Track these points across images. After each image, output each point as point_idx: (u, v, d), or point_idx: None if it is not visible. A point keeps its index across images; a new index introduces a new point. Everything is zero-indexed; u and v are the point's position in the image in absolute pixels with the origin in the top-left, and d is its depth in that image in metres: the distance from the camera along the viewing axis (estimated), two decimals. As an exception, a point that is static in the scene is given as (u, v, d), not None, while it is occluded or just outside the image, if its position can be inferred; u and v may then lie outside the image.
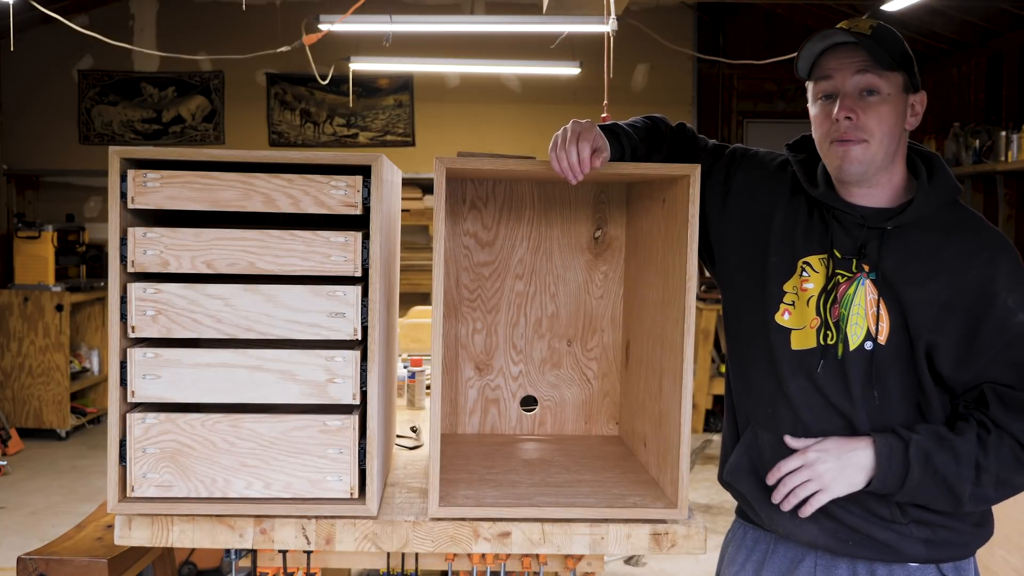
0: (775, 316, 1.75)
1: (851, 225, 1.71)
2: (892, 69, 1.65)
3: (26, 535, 4.85)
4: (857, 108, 1.65)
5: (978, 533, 1.74)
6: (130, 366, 1.82)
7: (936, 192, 1.69)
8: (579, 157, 1.73)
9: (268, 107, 7.94)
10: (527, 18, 5.93)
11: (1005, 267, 1.64)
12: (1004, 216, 6.82)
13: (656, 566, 4.53)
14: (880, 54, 1.63)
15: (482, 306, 2.42)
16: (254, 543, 1.84)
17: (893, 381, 1.68)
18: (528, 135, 7.90)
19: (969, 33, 7.00)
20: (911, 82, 1.68)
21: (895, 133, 1.67)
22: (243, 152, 1.81)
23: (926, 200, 1.68)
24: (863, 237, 1.69)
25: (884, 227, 1.68)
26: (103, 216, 7.77)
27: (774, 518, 1.79)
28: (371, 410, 1.85)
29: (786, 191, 1.80)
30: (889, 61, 1.64)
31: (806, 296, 1.72)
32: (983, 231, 1.69)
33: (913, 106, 1.70)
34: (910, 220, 1.68)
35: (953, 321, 1.64)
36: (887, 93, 1.65)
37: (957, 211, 1.71)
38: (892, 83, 1.65)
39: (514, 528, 1.85)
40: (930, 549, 1.70)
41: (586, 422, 2.45)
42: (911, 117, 1.70)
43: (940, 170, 1.72)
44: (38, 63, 7.71)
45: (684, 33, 7.98)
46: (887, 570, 1.72)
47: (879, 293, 1.68)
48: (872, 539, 1.71)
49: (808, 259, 1.73)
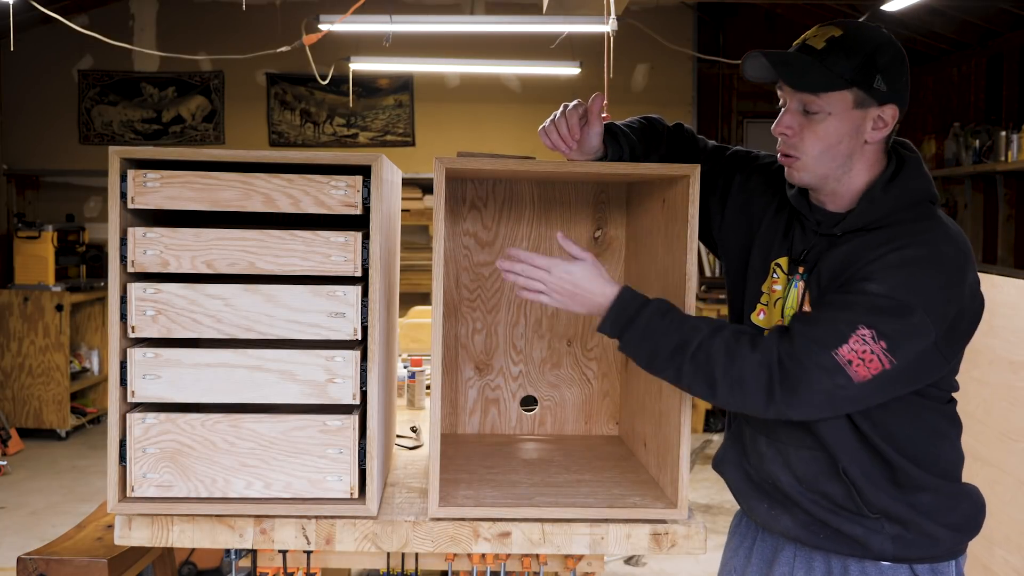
0: (751, 316, 1.80)
1: (808, 230, 1.73)
2: (829, 90, 1.62)
3: (26, 535, 4.85)
4: (795, 124, 1.67)
5: (956, 537, 1.70)
6: (130, 366, 1.82)
7: (890, 196, 1.65)
8: (568, 125, 1.79)
9: (268, 107, 7.93)
10: (527, 18, 5.92)
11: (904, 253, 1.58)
12: (1004, 216, 6.81)
13: (656, 566, 4.53)
14: (807, 79, 1.61)
15: (482, 306, 2.42)
16: (254, 543, 1.84)
17: None
18: (528, 135, 7.89)
19: (969, 33, 7.00)
20: (871, 95, 1.63)
21: (839, 150, 1.65)
22: (243, 152, 1.81)
23: (868, 206, 1.65)
24: (813, 241, 1.71)
25: (834, 233, 1.69)
26: (103, 216, 7.76)
27: (753, 508, 1.84)
28: (371, 410, 1.85)
29: (779, 195, 1.83)
30: (827, 83, 1.61)
31: (774, 297, 1.76)
32: (921, 232, 1.62)
33: (879, 118, 1.65)
34: (852, 227, 1.66)
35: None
36: (828, 113, 1.63)
37: (917, 212, 1.65)
38: (835, 102, 1.63)
39: (514, 528, 1.85)
40: (898, 546, 1.68)
41: (586, 422, 2.45)
42: (874, 130, 1.65)
43: (905, 175, 1.66)
44: (38, 63, 7.70)
45: (684, 33, 7.98)
46: (859, 566, 1.71)
47: (804, 295, 1.70)
48: (841, 533, 1.71)
49: (778, 261, 1.77)
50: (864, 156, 1.68)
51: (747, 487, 1.84)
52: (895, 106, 1.65)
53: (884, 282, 1.56)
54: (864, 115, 1.65)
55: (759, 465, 1.80)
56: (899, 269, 1.57)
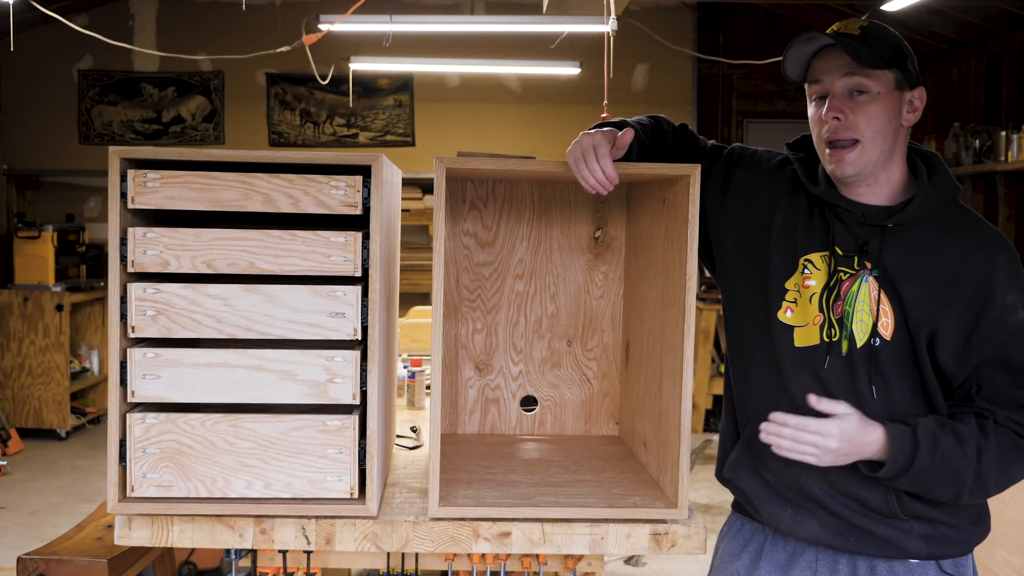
0: (778, 314, 1.76)
1: (852, 223, 1.72)
2: (880, 67, 1.66)
3: (26, 535, 4.85)
4: (846, 108, 1.67)
5: (976, 531, 1.75)
6: (130, 366, 1.82)
7: (936, 191, 1.70)
8: (604, 173, 1.76)
9: (268, 107, 7.93)
10: (527, 18, 5.92)
11: (1004, 265, 1.66)
12: (1004, 216, 6.82)
13: (656, 566, 4.53)
14: (864, 54, 1.64)
15: (482, 306, 2.42)
16: (254, 543, 1.84)
17: (897, 377, 1.69)
18: (528, 135, 7.90)
19: (969, 33, 7.00)
20: (905, 78, 1.69)
21: (888, 131, 1.68)
22: (243, 152, 1.81)
23: (926, 199, 1.69)
24: (864, 234, 1.71)
25: (885, 224, 1.69)
26: (103, 216, 7.76)
27: (774, 515, 1.80)
28: (371, 410, 1.85)
29: (786, 189, 1.81)
30: (876, 60, 1.65)
31: (808, 293, 1.74)
32: (982, 229, 1.70)
33: (911, 102, 1.71)
34: (910, 218, 1.69)
35: (952, 316, 1.65)
36: (876, 92, 1.66)
37: (956, 210, 1.72)
38: (881, 81, 1.67)
39: (514, 528, 1.85)
40: (930, 545, 1.71)
41: (586, 422, 2.45)
42: (908, 113, 1.71)
43: (940, 169, 1.73)
44: (38, 63, 7.70)
45: (684, 33, 7.98)
46: (887, 566, 1.73)
47: (880, 290, 1.69)
48: (873, 535, 1.72)
49: (810, 256, 1.75)
50: (900, 144, 1.72)
51: (766, 493, 1.80)
52: (923, 89, 1.72)
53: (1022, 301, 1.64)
54: (901, 97, 1.70)
55: (780, 471, 1.77)
56: (1016, 280, 1.65)
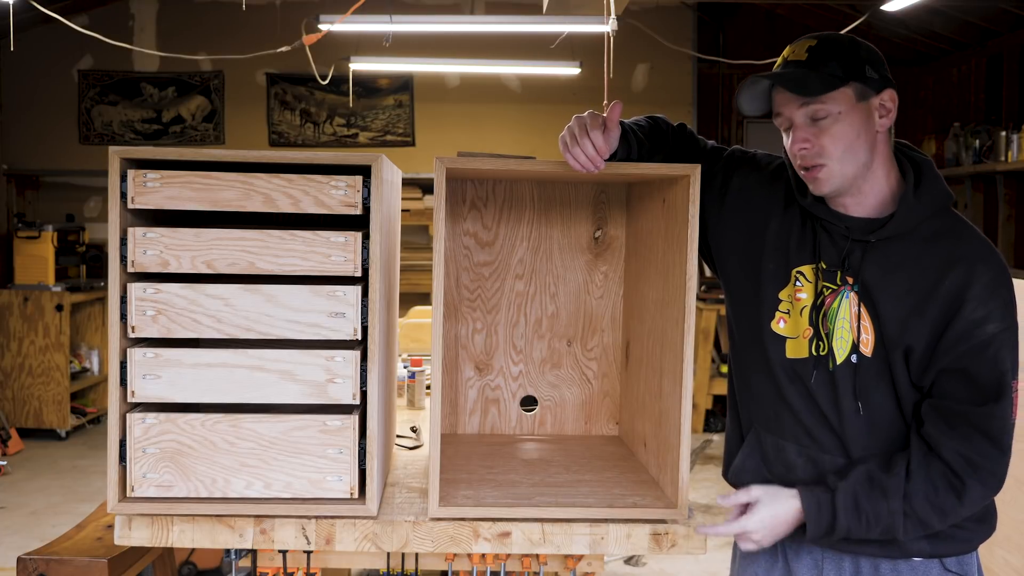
0: (771, 324, 1.77)
1: (837, 236, 1.72)
2: (835, 88, 1.64)
3: (26, 535, 4.85)
4: (810, 136, 1.67)
5: (980, 528, 1.75)
6: (130, 366, 1.82)
7: (923, 202, 1.68)
8: (594, 147, 1.75)
9: (268, 107, 7.93)
10: (527, 18, 5.92)
11: (983, 278, 1.63)
12: (1004, 216, 6.81)
13: (656, 566, 4.53)
14: (813, 83, 1.64)
15: (482, 306, 2.42)
16: (254, 543, 1.84)
17: (880, 393, 1.70)
18: (528, 135, 7.89)
19: (969, 33, 7.00)
20: (868, 86, 1.67)
21: (859, 144, 1.67)
22: (243, 152, 1.81)
23: (908, 213, 1.67)
24: (847, 248, 1.70)
25: (868, 240, 1.69)
26: (103, 216, 7.76)
27: None
28: (371, 410, 1.85)
29: (781, 197, 1.81)
30: (826, 83, 1.64)
31: (800, 306, 1.74)
32: (968, 240, 1.67)
33: (882, 106, 1.68)
34: (892, 233, 1.68)
35: (924, 330, 1.64)
36: (837, 112, 1.65)
37: (945, 219, 1.70)
38: (839, 101, 1.65)
39: (514, 528, 1.85)
40: (934, 545, 1.72)
41: (586, 422, 2.45)
42: (881, 118, 1.69)
43: (929, 178, 1.70)
44: (38, 63, 7.70)
45: (684, 33, 7.97)
46: (891, 565, 1.74)
47: (861, 304, 1.69)
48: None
49: (801, 268, 1.75)
50: (880, 151, 1.70)
51: None
52: (891, 90, 1.70)
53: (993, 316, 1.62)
54: (868, 106, 1.67)
55: (786, 475, 1.77)
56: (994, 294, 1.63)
